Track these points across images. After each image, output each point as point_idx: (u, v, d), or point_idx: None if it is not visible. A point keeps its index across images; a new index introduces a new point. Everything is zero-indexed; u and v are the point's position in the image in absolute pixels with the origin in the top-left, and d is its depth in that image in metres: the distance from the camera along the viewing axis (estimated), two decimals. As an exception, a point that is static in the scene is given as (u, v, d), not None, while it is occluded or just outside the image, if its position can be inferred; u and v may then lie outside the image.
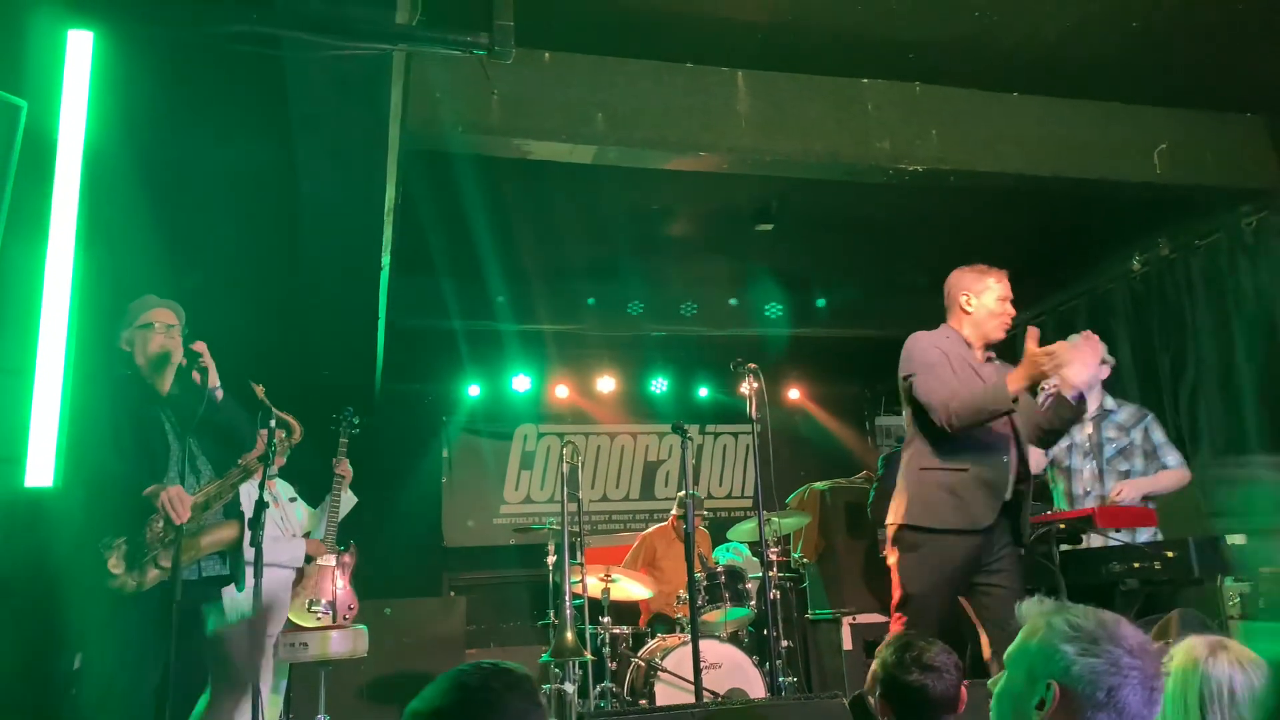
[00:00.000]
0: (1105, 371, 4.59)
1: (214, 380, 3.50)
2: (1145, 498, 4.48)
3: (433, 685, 1.55)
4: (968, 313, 3.91)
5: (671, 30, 4.64)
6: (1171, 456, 4.53)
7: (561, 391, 9.05)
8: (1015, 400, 3.44)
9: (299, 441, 3.80)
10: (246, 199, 4.87)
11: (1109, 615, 1.72)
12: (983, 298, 3.90)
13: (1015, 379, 3.45)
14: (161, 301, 3.64)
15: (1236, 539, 3.95)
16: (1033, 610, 1.78)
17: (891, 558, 3.71)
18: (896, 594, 3.64)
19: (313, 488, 5.16)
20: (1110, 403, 4.60)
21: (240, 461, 3.60)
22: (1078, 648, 1.66)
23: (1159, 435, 4.54)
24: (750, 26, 4.66)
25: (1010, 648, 1.78)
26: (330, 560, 4.91)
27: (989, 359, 3.86)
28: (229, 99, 3.68)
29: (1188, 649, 1.94)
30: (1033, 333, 3.53)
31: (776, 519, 6.23)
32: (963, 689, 2.30)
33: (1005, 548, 3.62)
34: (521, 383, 8.72)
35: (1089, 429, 4.57)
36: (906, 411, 3.83)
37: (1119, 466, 4.46)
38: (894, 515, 3.72)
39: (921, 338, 3.85)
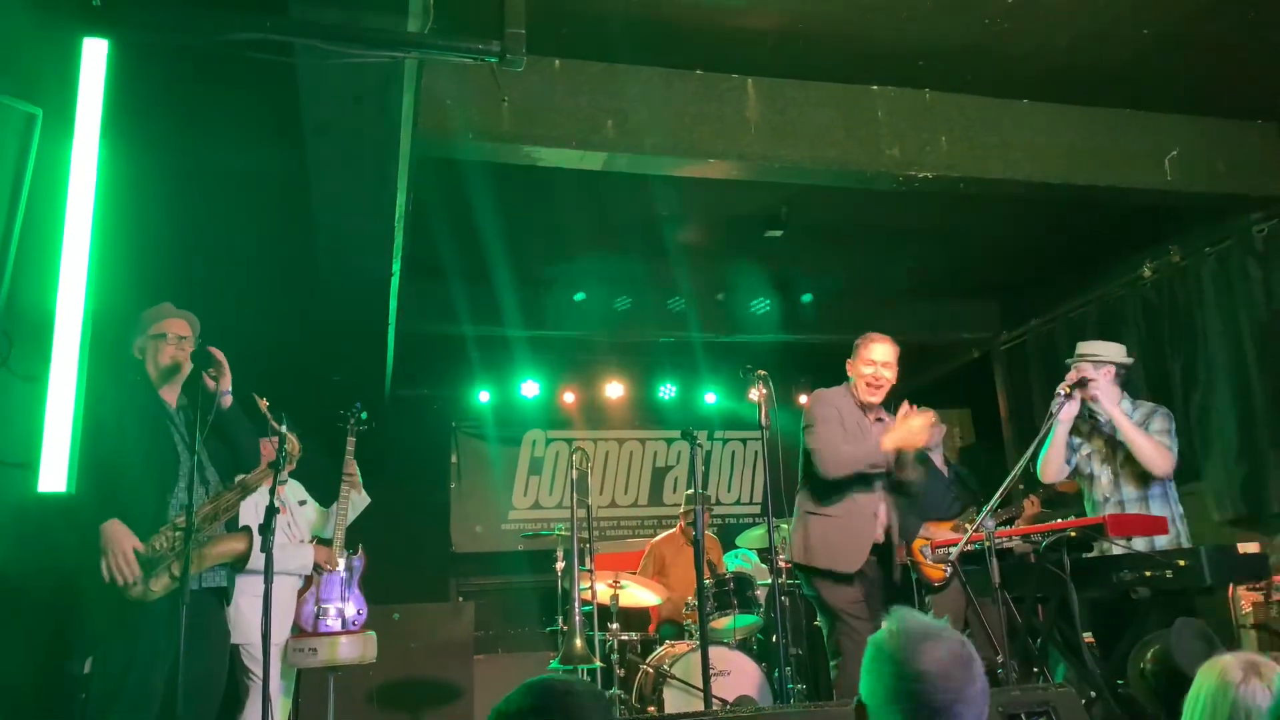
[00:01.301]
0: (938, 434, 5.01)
1: (226, 385, 3.51)
2: (1125, 454, 4.37)
3: (515, 691, 1.58)
4: (851, 377, 4.41)
5: (681, 38, 4.65)
6: (1165, 439, 4.34)
7: (570, 397, 9.06)
8: (889, 458, 4.08)
9: (299, 457, 3.82)
10: (259, 206, 4.89)
11: (917, 631, 1.67)
12: (857, 365, 4.37)
13: (887, 441, 4.07)
14: (177, 312, 3.65)
15: (1250, 547, 3.92)
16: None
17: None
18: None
19: (323, 489, 5.16)
20: (1127, 406, 4.55)
21: (238, 479, 3.62)
22: (871, 667, 1.69)
23: (1159, 424, 4.41)
24: (760, 34, 4.67)
25: None
26: (340, 565, 4.91)
27: (878, 419, 4.35)
28: (242, 106, 3.71)
29: (1222, 669, 1.88)
30: (904, 406, 4.21)
31: (786, 525, 6.21)
32: None
33: (880, 589, 4.19)
34: (530, 388, 8.73)
35: (1106, 433, 4.53)
36: (802, 458, 4.33)
37: (1133, 470, 4.41)
38: (790, 553, 4.29)
39: (823, 395, 4.38)
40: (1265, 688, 1.83)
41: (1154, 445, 4.29)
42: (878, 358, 4.33)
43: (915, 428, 4.09)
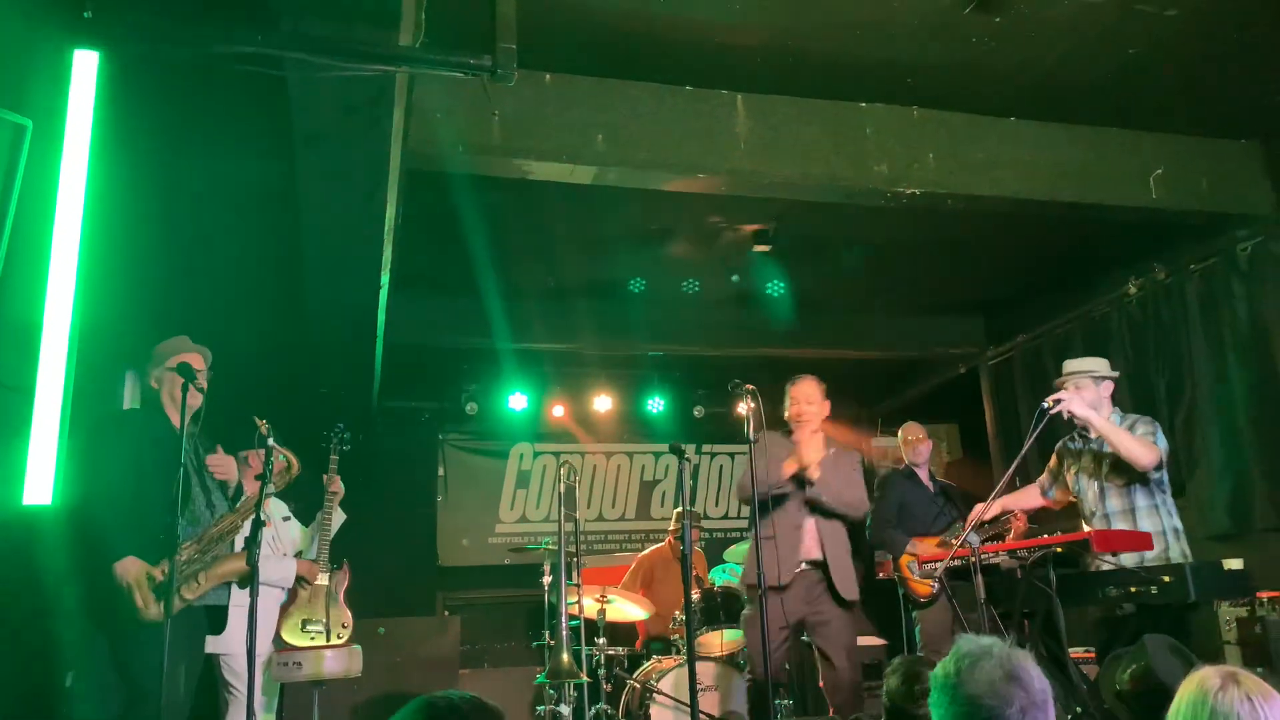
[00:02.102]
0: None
1: (232, 475, 3.83)
2: (1110, 457, 4.39)
3: (401, 710, 1.57)
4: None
5: (671, 53, 4.68)
6: (1147, 436, 4.35)
7: (558, 410, 9.04)
8: (790, 481, 4.58)
9: (297, 475, 3.90)
10: (248, 217, 4.88)
11: (970, 654, 1.77)
12: (786, 401, 4.83)
13: (786, 467, 4.57)
14: (193, 346, 3.80)
15: (1234, 564, 3.94)
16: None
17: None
18: None
19: (306, 505, 5.14)
20: (1116, 418, 4.58)
21: (236, 507, 3.79)
22: (934, 697, 1.81)
23: (1144, 427, 4.43)
24: (749, 50, 4.70)
25: None
26: (324, 579, 4.89)
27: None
28: (232, 119, 3.70)
29: (1201, 679, 1.92)
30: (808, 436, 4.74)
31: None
32: None
33: (825, 603, 4.58)
34: (518, 401, 8.70)
35: (1094, 448, 4.55)
36: None
37: (1117, 481, 4.43)
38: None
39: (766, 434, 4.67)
40: (1244, 696, 1.85)
41: (1136, 440, 4.30)
42: (798, 395, 4.79)
43: (802, 454, 4.61)
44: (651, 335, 7.81)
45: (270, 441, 3.59)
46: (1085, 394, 4.45)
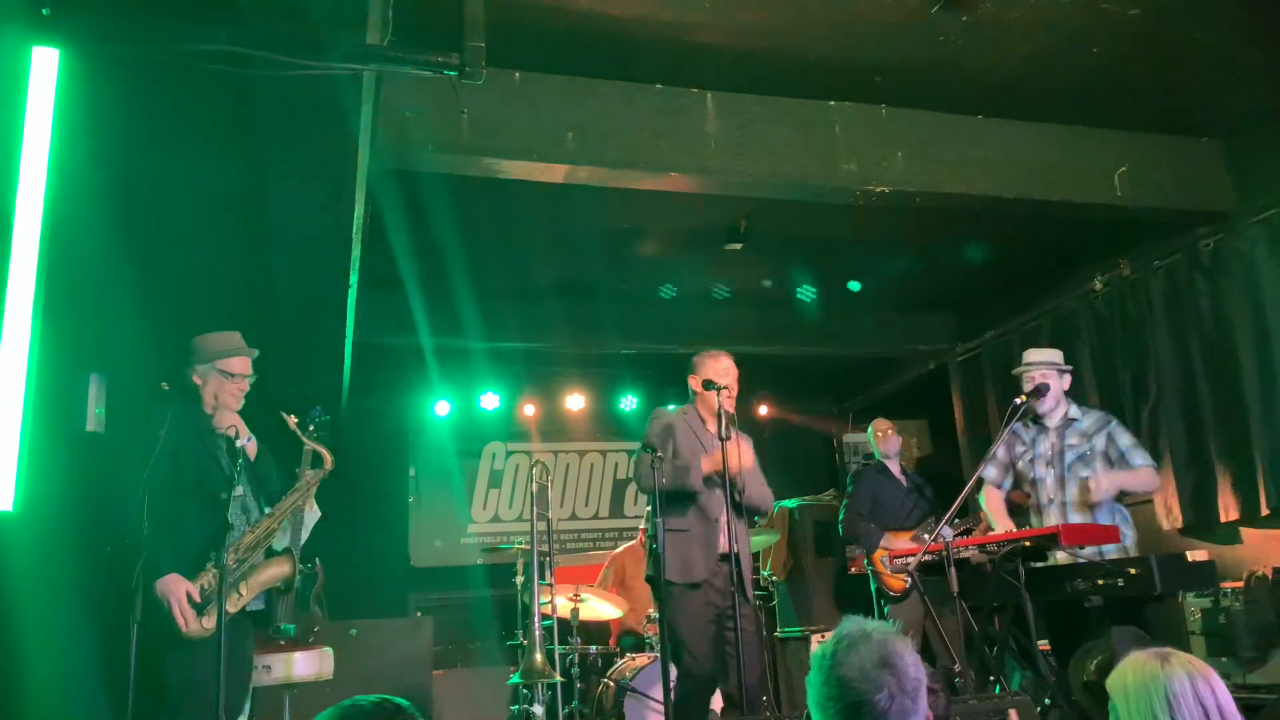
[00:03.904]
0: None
1: (245, 433, 3.60)
2: (1121, 493, 4.49)
3: (325, 711, 1.57)
4: (694, 392, 4.44)
5: (641, 51, 4.68)
6: (1139, 457, 4.50)
7: (530, 409, 9.02)
8: (706, 480, 4.17)
9: (330, 470, 3.83)
10: (214, 218, 4.82)
11: (848, 637, 1.76)
12: (700, 381, 4.37)
13: (706, 465, 4.16)
14: (246, 349, 3.72)
15: (1199, 555, 4.01)
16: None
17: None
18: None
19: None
20: (1075, 411, 4.65)
21: (269, 510, 3.67)
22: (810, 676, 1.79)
23: (1125, 440, 4.54)
24: (719, 49, 4.70)
25: None
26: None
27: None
28: (197, 118, 3.65)
29: (1139, 663, 1.97)
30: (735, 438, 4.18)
31: (756, 537, 6.24)
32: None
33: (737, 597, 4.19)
34: (490, 401, 8.68)
35: (1052, 439, 4.62)
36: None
37: (1079, 473, 4.50)
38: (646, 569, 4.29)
39: (659, 413, 4.43)
40: (1186, 668, 1.92)
41: (1146, 475, 4.43)
42: (724, 371, 4.38)
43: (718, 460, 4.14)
44: (623, 334, 7.80)
45: (307, 444, 3.52)
46: (1051, 383, 4.54)
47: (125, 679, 3.14)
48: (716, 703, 5.26)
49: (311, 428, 4.87)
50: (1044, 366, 4.64)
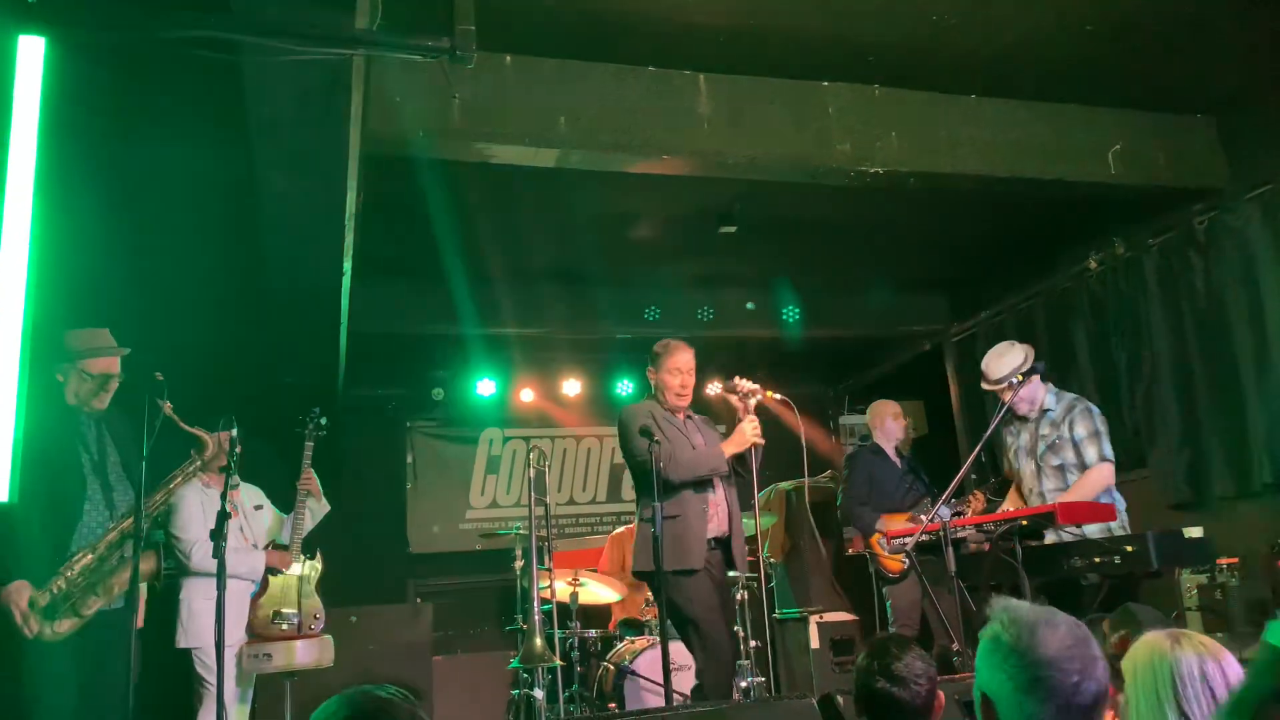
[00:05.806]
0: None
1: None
2: (1047, 439, 4.50)
3: (324, 705, 1.57)
4: (654, 384, 4.48)
5: (633, 33, 4.65)
6: (1090, 451, 4.44)
7: (527, 395, 9.01)
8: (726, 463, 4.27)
9: (212, 455, 3.75)
10: (206, 205, 4.80)
11: (1031, 619, 1.75)
12: (661, 374, 4.43)
13: (729, 446, 4.27)
14: (115, 350, 3.62)
15: (1194, 532, 4.02)
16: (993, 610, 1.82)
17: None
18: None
19: (281, 495, 5.06)
20: (1050, 400, 4.64)
21: (118, 525, 3.56)
22: (991, 661, 1.75)
23: (1081, 430, 4.48)
24: (712, 30, 4.67)
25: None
26: (296, 569, 4.82)
27: (688, 417, 4.49)
28: (186, 105, 3.63)
29: (1151, 643, 1.97)
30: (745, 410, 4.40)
31: (744, 519, 6.25)
32: (939, 696, 2.31)
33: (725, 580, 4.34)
34: (486, 387, 8.66)
35: (1030, 430, 4.65)
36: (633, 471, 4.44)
37: (1051, 462, 4.52)
38: (637, 563, 4.28)
39: (632, 409, 4.44)
40: (1197, 650, 1.93)
41: (1091, 478, 4.42)
42: (682, 365, 4.41)
43: (747, 433, 4.30)
44: (619, 318, 7.79)
45: (185, 428, 3.44)
46: (1024, 391, 4.50)
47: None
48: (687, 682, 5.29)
49: (311, 428, 4.89)
50: (1008, 381, 4.50)
